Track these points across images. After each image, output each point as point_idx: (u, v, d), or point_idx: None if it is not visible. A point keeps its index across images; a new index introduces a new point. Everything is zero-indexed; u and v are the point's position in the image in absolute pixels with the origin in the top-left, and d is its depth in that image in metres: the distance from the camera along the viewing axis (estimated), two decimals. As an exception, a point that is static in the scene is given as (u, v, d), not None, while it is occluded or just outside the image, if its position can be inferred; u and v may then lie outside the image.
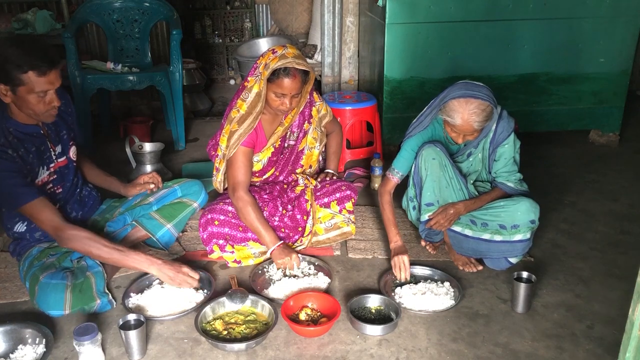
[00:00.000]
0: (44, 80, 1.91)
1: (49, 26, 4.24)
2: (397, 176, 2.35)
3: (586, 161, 3.47)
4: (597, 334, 1.91)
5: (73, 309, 1.93)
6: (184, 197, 2.46)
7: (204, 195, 2.52)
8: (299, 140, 2.48)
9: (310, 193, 2.46)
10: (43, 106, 1.97)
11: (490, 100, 2.05)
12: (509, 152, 2.23)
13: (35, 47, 1.92)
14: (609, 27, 3.35)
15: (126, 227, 2.32)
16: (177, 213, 2.41)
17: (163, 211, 2.39)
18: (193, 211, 2.49)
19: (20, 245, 2.17)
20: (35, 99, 1.94)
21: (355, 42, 4.15)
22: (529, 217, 2.14)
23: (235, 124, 2.26)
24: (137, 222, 2.33)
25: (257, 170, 2.45)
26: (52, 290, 1.92)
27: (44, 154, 2.12)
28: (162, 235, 2.36)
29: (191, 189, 2.48)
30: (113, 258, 1.98)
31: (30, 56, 1.88)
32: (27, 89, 1.91)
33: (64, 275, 1.96)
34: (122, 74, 3.52)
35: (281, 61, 2.13)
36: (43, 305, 1.93)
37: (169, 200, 2.44)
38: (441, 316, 1.99)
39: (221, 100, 5.17)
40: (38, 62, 1.89)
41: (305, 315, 1.95)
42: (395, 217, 2.32)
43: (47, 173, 2.13)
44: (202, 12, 5.76)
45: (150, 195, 2.43)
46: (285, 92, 2.18)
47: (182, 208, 2.44)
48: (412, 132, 2.31)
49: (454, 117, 2.07)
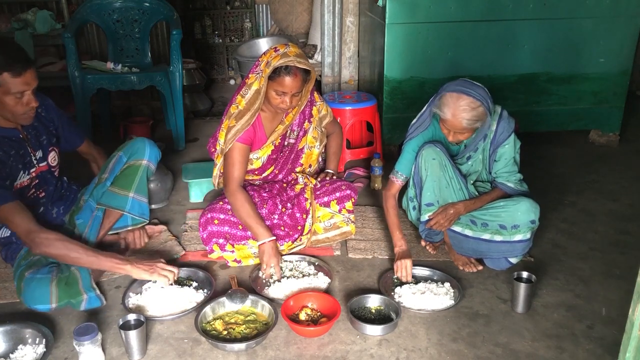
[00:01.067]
0: (19, 80, 1.90)
1: (49, 26, 4.24)
2: (400, 179, 2.35)
3: (586, 161, 3.47)
4: (597, 334, 1.91)
5: (60, 302, 1.92)
6: (131, 160, 2.32)
7: (149, 150, 2.34)
8: (299, 138, 2.48)
9: (310, 192, 2.46)
10: (21, 107, 1.96)
11: (482, 101, 2.03)
12: (509, 152, 2.23)
13: (7, 48, 1.91)
14: (609, 27, 3.35)
15: (95, 214, 2.25)
16: (131, 178, 2.28)
17: (118, 182, 2.28)
18: (146, 169, 2.33)
19: (10, 250, 2.16)
20: (13, 101, 1.93)
21: (355, 42, 4.15)
22: (529, 217, 2.14)
23: (233, 119, 2.27)
24: (101, 204, 2.24)
25: (257, 167, 2.45)
26: (37, 284, 1.90)
27: (24, 158, 2.10)
28: (131, 207, 2.27)
29: (134, 148, 2.33)
30: (88, 261, 1.96)
31: (4, 57, 1.87)
32: (4, 90, 1.90)
33: (50, 269, 1.96)
34: (122, 74, 3.52)
35: (283, 59, 2.14)
36: (29, 301, 1.92)
37: (119, 169, 2.32)
38: (441, 316, 1.99)
39: (221, 100, 5.17)
40: (12, 63, 1.87)
41: (305, 315, 1.95)
42: (399, 220, 2.32)
43: (27, 177, 2.12)
44: (202, 12, 5.76)
45: (103, 172, 2.32)
46: (285, 90, 2.19)
47: (134, 171, 2.29)
48: (413, 132, 2.30)
49: (444, 111, 2.07)
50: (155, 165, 2.38)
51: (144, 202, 2.33)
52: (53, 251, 1.93)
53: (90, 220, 2.24)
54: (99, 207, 2.25)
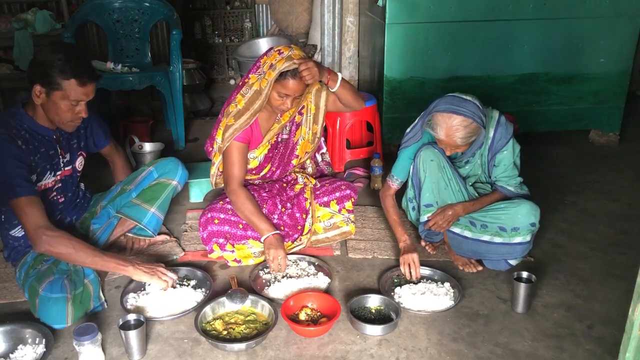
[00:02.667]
0: (81, 90, 1.97)
1: (49, 26, 4.25)
2: (396, 183, 2.37)
3: (586, 161, 3.47)
4: (597, 334, 1.91)
5: (75, 320, 1.92)
6: (162, 178, 2.41)
7: (181, 172, 2.44)
8: (292, 133, 2.47)
9: (309, 191, 2.46)
10: (71, 115, 2.01)
11: (474, 117, 2.01)
12: (509, 158, 2.22)
13: (80, 58, 1.99)
14: (609, 27, 3.35)
15: (111, 220, 2.32)
16: (158, 195, 2.37)
17: (144, 195, 2.36)
18: (174, 190, 2.43)
19: (15, 251, 2.16)
20: (67, 106, 1.98)
21: (355, 42, 4.15)
22: (529, 219, 2.14)
23: (232, 118, 2.26)
24: (120, 213, 2.31)
25: (254, 167, 2.44)
26: (54, 304, 1.89)
27: (53, 159, 2.13)
28: (148, 221, 2.34)
29: (167, 167, 2.43)
30: (93, 261, 1.97)
31: (76, 65, 1.94)
32: (63, 94, 1.95)
33: (62, 286, 1.92)
34: (122, 74, 3.52)
35: (288, 62, 2.13)
36: (45, 319, 1.91)
37: (147, 183, 2.40)
38: (441, 316, 1.99)
39: (221, 100, 5.17)
40: (81, 72, 1.95)
41: (305, 315, 1.95)
42: (400, 217, 2.35)
43: (52, 179, 2.15)
44: (202, 12, 5.76)
45: (128, 183, 2.40)
46: (289, 92, 2.18)
47: (162, 189, 2.38)
48: (407, 142, 2.32)
49: (437, 132, 2.08)
50: (182, 187, 2.49)
51: (161, 219, 2.41)
52: (57, 250, 1.93)
53: (105, 225, 2.30)
54: (116, 215, 2.31)
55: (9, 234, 2.14)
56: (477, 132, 2.07)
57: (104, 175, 2.84)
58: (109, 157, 2.52)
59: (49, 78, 1.92)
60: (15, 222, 2.11)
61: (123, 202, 2.36)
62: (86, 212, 2.39)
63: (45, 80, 1.93)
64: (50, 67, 1.91)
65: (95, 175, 2.37)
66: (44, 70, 1.92)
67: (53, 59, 1.92)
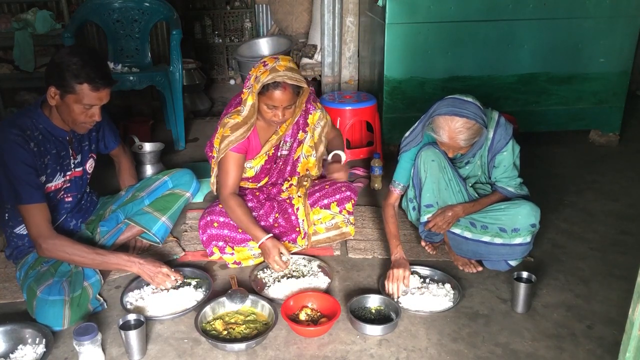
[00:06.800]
0: (95, 95, 1.98)
1: (49, 26, 4.25)
2: (398, 188, 2.36)
3: (586, 161, 3.47)
4: (597, 334, 1.91)
5: (72, 323, 1.92)
6: (176, 188, 2.44)
7: (195, 185, 2.48)
8: (293, 149, 2.45)
9: (299, 201, 2.42)
10: (84, 118, 2.02)
11: (476, 118, 2.01)
12: (508, 158, 2.22)
13: (95, 63, 1.98)
14: (609, 27, 3.35)
15: (119, 226, 2.32)
16: (170, 205, 2.39)
17: (156, 204, 2.38)
18: (186, 201, 2.46)
19: (17, 250, 2.17)
20: (80, 110, 1.99)
21: (355, 42, 4.15)
22: (529, 220, 2.14)
23: (228, 129, 2.25)
24: (130, 220, 2.33)
25: (250, 176, 2.44)
26: (51, 306, 1.89)
27: (64, 160, 2.13)
28: (158, 229, 2.35)
29: (182, 179, 2.46)
30: (95, 262, 2.01)
31: (91, 70, 1.94)
32: (76, 98, 1.96)
33: (61, 288, 1.93)
34: (122, 74, 3.51)
35: (271, 75, 2.10)
36: (42, 320, 1.91)
37: (161, 192, 2.42)
38: (441, 316, 1.99)
39: (221, 100, 5.17)
40: (95, 77, 1.95)
41: (305, 315, 1.95)
42: (398, 230, 2.30)
43: (62, 180, 2.15)
44: (202, 12, 5.76)
45: (140, 190, 2.42)
46: (276, 104, 2.15)
47: (175, 199, 2.41)
48: (406, 146, 2.31)
49: (440, 134, 2.07)
50: (193, 199, 2.53)
51: (169, 228, 2.42)
52: (59, 255, 1.98)
53: (114, 230, 2.31)
54: (125, 222, 2.32)
55: (13, 232, 2.15)
56: (480, 133, 2.07)
57: (106, 176, 2.83)
58: (116, 158, 2.53)
59: (63, 81, 1.93)
60: (19, 219, 2.12)
61: (135, 208, 2.37)
62: (93, 215, 2.39)
63: (60, 83, 1.93)
64: (66, 70, 1.91)
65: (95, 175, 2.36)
66: (59, 73, 1.92)
67: (69, 62, 1.92)
